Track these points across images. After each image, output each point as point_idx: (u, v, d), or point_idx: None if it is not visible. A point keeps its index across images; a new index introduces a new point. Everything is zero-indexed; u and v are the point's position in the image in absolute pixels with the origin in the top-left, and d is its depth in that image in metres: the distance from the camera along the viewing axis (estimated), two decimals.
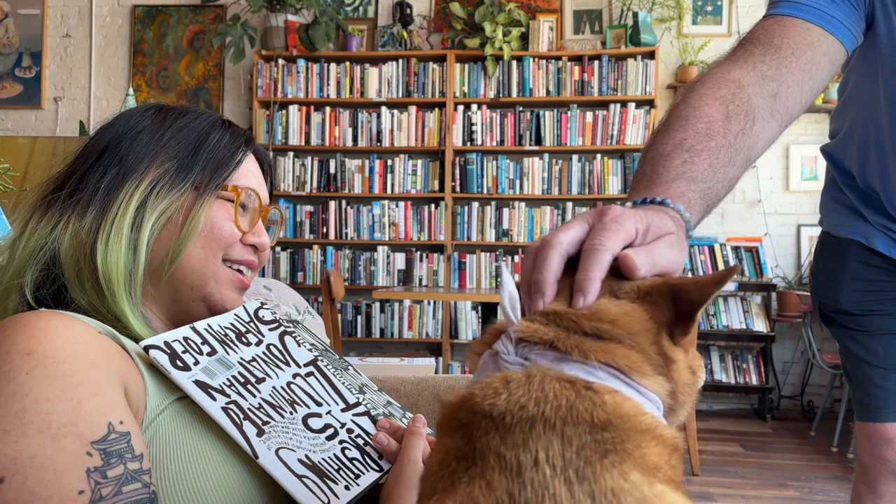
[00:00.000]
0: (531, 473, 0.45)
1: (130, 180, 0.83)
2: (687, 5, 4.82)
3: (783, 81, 0.94)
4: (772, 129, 0.93)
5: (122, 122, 0.87)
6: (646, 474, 0.46)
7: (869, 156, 1.35)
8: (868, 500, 1.46)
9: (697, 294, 0.55)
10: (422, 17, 5.00)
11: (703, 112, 0.85)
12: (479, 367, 0.56)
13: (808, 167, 4.81)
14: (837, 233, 1.46)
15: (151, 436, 0.70)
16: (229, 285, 0.88)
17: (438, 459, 0.51)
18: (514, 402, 0.49)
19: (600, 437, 0.47)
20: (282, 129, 4.92)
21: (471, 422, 0.50)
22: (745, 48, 0.98)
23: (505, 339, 0.54)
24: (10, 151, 5.04)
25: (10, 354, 0.65)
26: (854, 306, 1.44)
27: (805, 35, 0.99)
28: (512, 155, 4.84)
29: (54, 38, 5.31)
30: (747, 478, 3.45)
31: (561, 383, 0.50)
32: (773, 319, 4.68)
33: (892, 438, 1.42)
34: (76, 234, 0.80)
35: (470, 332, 4.75)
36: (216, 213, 0.86)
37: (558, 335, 0.52)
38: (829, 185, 1.50)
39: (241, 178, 0.89)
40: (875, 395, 1.43)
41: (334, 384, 0.90)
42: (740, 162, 0.85)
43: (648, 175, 0.78)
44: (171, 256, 0.83)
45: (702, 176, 0.78)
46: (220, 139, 0.89)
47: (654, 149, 0.82)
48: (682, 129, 0.83)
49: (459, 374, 4.59)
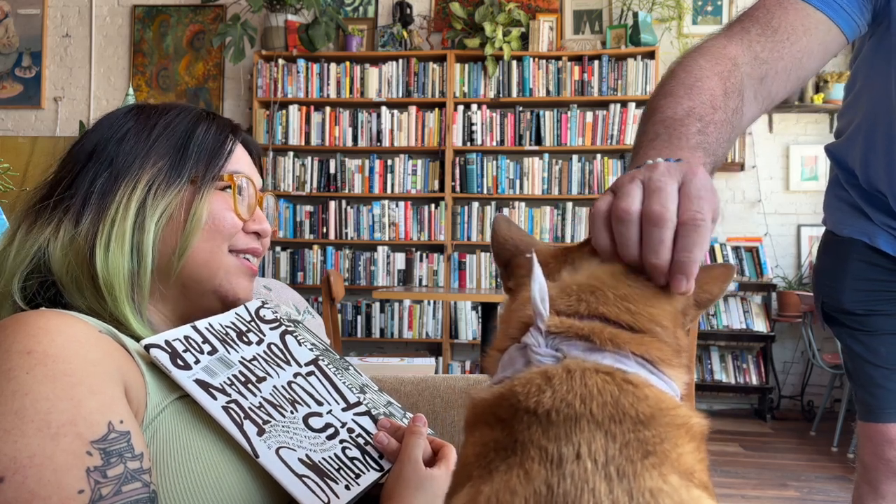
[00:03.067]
0: (572, 466, 0.45)
1: (125, 182, 0.82)
2: (687, 5, 4.82)
3: (773, 66, 0.94)
4: (752, 111, 0.93)
5: (104, 126, 0.86)
6: (683, 478, 0.46)
7: (875, 154, 1.34)
8: (870, 501, 1.46)
9: (717, 288, 0.58)
10: (422, 17, 5.00)
11: (705, 84, 0.84)
12: (504, 362, 0.56)
13: (808, 167, 4.81)
14: (841, 232, 1.45)
15: (152, 435, 0.70)
16: (239, 274, 0.88)
17: (475, 451, 0.51)
18: (560, 399, 0.48)
19: (643, 436, 0.47)
20: (282, 129, 4.92)
21: (512, 417, 0.50)
22: (742, 25, 0.97)
23: (534, 332, 0.53)
24: (10, 151, 5.05)
25: (10, 353, 0.64)
26: (857, 306, 1.43)
27: (804, 19, 0.98)
28: (512, 155, 4.84)
29: (54, 38, 5.31)
30: (747, 478, 3.45)
31: (602, 376, 0.50)
32: (773, 319, 4.68)
33: (894, 439, 1.42)
34: (72, 240, 0.79)
35: (470, 332, 4.74)
36: (216, 205, 0.85)
37: (593, 329, 0.52)
38: (832, 184, 1.49)
39: (234, 165, 0.89)
40: (877, 395, 1.43)
41: (335, 383, 0.90)
42: (731, 139, 0.84)
43: (664, 137, 0.76)
44: (178, 253, 0.82)
45: (712, 148, 0.78)
46: (207, 131, 0.88)
47: (662, 111, 0.80)
48: (688, 96, 0.82)
49: (459, 374, 4.59)
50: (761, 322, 4.67)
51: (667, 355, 0.53)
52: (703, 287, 0.58)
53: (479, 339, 4.50)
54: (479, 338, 4.23)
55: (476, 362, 4.76)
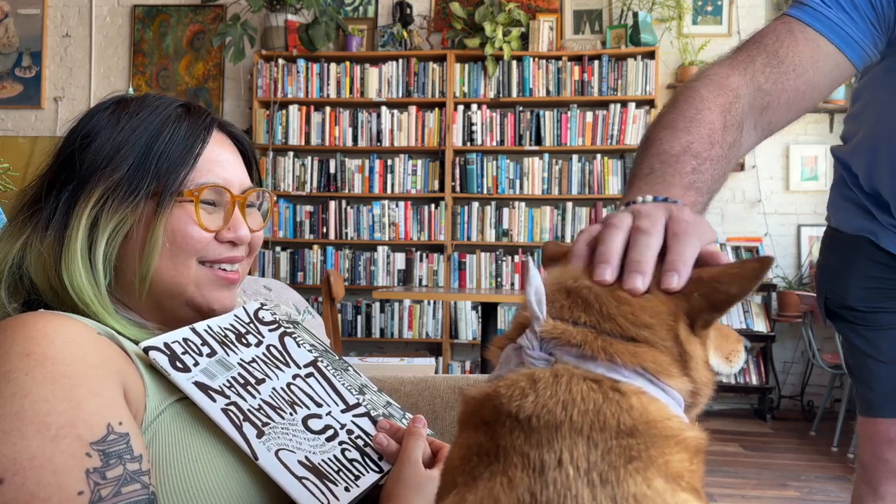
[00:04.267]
0: (554, 473, 0.45)
1: (83, 196, 0.78)
2: (687, 5, 4.82)
3: (775, 98, 0.93)
4: (750, 139, 0.92)
5: (81, 125, 0.83)
6: (669, 482, 0.46)
7: (879, 165, 1.34)
8: (869, 501, 1.46)
9: (737, 288, 0.53)
10: (422, 17, 5.00)
11: (706, 117, 0.84)
12: (501, 360, 0.56)
13: (809, 167, 4.81)
14: (846, 229, 1.45)
15: (151, 437, 0.70)
16: (211, 286, 0.84)
17: (460, 454, 0.51)
18: (541, 405, 0.48)
19: (626, 442, 0.46)
20: (282, 129, 4.91)
21: (495, 420, 0.49)
22: (749, 52, 0.95)
23: (529, 334, 0.53)
24: (10, 151, 5.05)
25: (10, 356, 0.64)
26: (861, 303, 1.43)
27: (814, 51, 0.96)
28: (512, 155, 4.83)
29: (54, 38, 5.31)
30: (747, 478, 3.45)
31: (588, 384, 0.49)
32: (773, 319, 4.67)
33: (893, 439, 1.42)
34: (39, 256, 0.77)
35: (470, 332, 4.74)
36: (178, 221, 0.80)
37: (585, 338, 0.51)
38: (838, 183, 1.49)
39: (205, 172, 0.82)
40: (877, 390, 1.44)
41: (334, 385, 0.90)
42: (727, 173, 0.84)
43: (659, 172, 0.77)
44: (140, 276, 0.79)
45: (706, 187, 0.78)
46: (174, 134, 0.81)
47: (660, 144, 0.81)
48: (687, 130, 0.82)
49: (459, 374, 4.59)
50: (761, 322, 4.67)
51: (663, 365, 0.51)
52: (719, 287, 0.54)
53: (479, 339, 4.50)
54: (479, 338, 4.23)
55: (476, 362, 4.76)
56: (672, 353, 0.53)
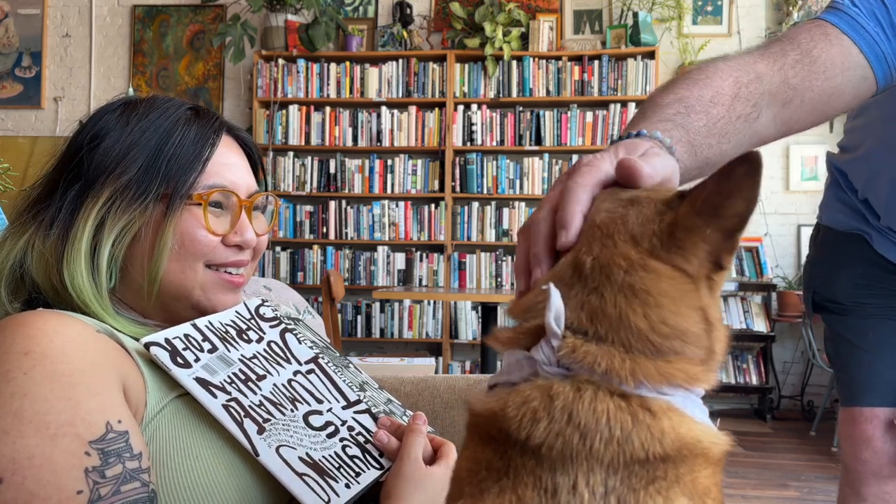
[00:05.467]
0: (567, 497, 0.43)
1: (91, 196, 0.78)
2: (687, 5, 4.82)
3: (801, 95, 0.89)
4: (769, 131, 0.88)
5: (90, 125, 0.83)
6: (695, 500, 0.44)
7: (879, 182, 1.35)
8: (853, 503, 1.48)
9: (742, 203, 0.46)
10: (422, 17, 5.00)
11: (714, 82, 0.80)
12: (511, 364, 0.50)
13: (809, 167, 4.81)
14: (837, 227, 1.47)
15: (151, 434, 0.70)
16: (217, 289, 0.84)
17: (467, 467, 0.48)
18: (556, 434, 0.44)
19: (651, 467, 0.43)
20: (282, 129, 4.91)
21: (504, 440, 0.46)
22: (782, 46, 0.91)
23: (545, 347, 0.47)
24: (10, 151, 5.05)
25: (9, 354, 0.64)
26: (848, 298, 1.46)
27: (845, 58, 0.92)
28: (512, 155, 4.83)
29: (54, 38, 5.31)
30: (747, 478, 3.44)
31: (615, 401, 0.44)
32: (773, 319, 4.67)
33: (870, 437, 1.43)
34: (41, 255, 0.77)
35: (470, 332, 4.74)
36: (187, 224, 0.80)
37: (612, 364, 0.45)
38: (833, 186, 1.51)
39: (213, 175, 0.83)
40: (859, 378, 1.46)
41: (335, 381, 0.90)
42: (735, 144, 0.79)
43: (635, 120, 0.73)
44: (150, 278, 0.79)
45: (694, 128, 0.73)
46: (184, 137, 0.82)
47: (651, 100, 0.78)
48: (687, 88, 0.78)
49: (459, 374, 4.59)
50: (761, 322, 4.67)
51: (694, 372, 0.47)
52: (723, 210, 0.47)
53: (479, 339, 4.49)
54: (479, 338, 4.22)
55: (476, 362, 4.76)
56: (702, 355, 0.48)
